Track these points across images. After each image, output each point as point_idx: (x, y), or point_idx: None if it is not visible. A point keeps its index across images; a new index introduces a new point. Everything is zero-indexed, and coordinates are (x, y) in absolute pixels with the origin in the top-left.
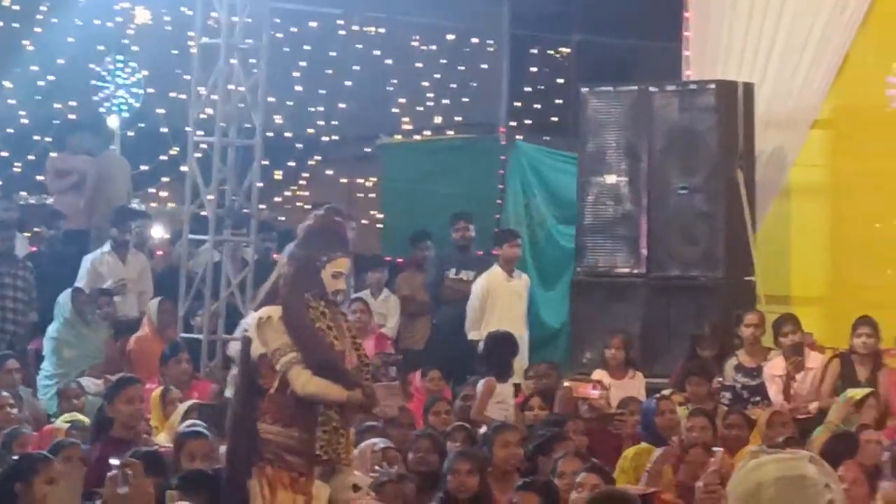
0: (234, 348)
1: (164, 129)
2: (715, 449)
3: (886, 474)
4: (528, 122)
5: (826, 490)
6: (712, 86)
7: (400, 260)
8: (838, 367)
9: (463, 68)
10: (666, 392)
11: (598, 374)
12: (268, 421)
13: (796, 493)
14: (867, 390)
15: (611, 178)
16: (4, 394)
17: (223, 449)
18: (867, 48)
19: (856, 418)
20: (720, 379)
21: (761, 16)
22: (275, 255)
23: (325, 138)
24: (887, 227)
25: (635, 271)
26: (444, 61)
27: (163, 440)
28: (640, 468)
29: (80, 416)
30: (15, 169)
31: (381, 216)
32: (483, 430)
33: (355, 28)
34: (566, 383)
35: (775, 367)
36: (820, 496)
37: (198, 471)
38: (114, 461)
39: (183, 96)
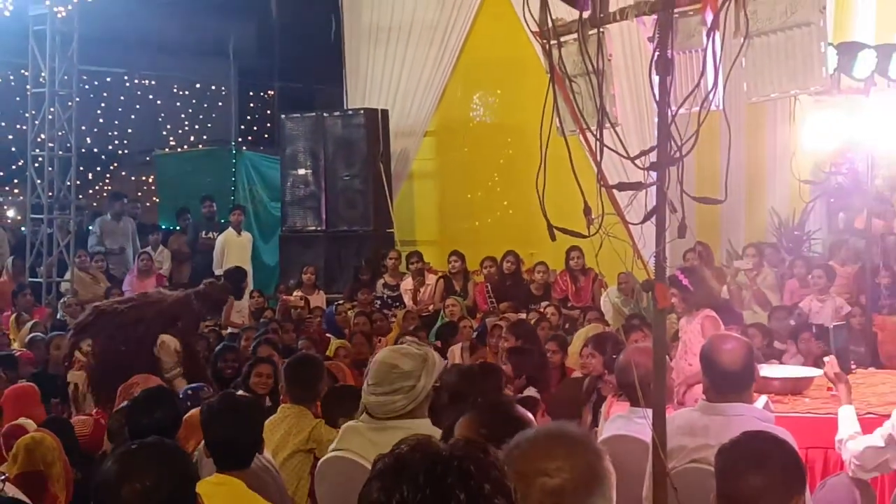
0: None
1: (13, 149)
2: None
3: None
4: (249, 138)
5: (415, 378)
6: (362, 111)
7: (171, 228)
8: (444, 282)
9: (206, 105)
10: (341, 302)
11: (298, 293)
12: None
13: (386, 375)
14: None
15: (302, 171)
16: None
17: None
18: (458, 84)
19: None
20: (374, 293)
21: (391, 65)
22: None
23: (120, 151)
24: (473, 196)
25: (319, 229)
26: (194, 100)
27: (16, 347)
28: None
29: None
30: None
31: (157, 200)
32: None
33: (136, 80)
34: (282, 297)
35: (407, 283)
36: (404, 380)
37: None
38: None
39: (25, 127)
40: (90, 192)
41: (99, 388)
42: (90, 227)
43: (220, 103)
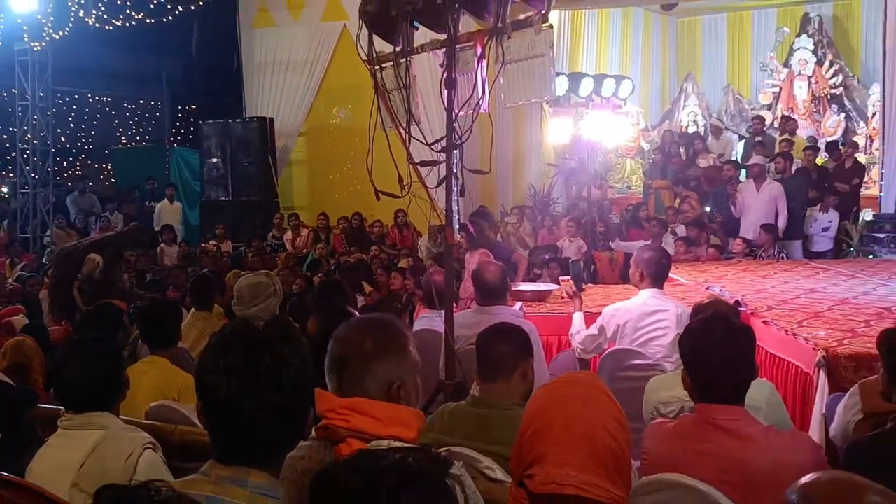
0: (45, 241)
1: (7, 145)
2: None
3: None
4: (178, 138)
5: (273, 285)
6: (256, 119)
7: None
8: (313, 234)
9: (147, 115)
10: (245, 250)
11: (213, 242)
12: None
13: (256, 290)
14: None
15: (215, 160)
16: None
17: None
18: (322, 100)
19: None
20: (266, 242)
21: (276, 87)
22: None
23: (86, 147)
24: (333, 177)
25: (227, 199)
26: (139, 112)
27: (10, 282)
28: None
29: None
30: None
31: (114, 180)
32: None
33: (96, 97)
34: (202, 246)
35: (288, 235)
36: (268, 288)
37: None
38: None
39: (15, 129)
40: (64, 175)
41: (53, 301)
42: (65, 201)
43: (157, 114)
